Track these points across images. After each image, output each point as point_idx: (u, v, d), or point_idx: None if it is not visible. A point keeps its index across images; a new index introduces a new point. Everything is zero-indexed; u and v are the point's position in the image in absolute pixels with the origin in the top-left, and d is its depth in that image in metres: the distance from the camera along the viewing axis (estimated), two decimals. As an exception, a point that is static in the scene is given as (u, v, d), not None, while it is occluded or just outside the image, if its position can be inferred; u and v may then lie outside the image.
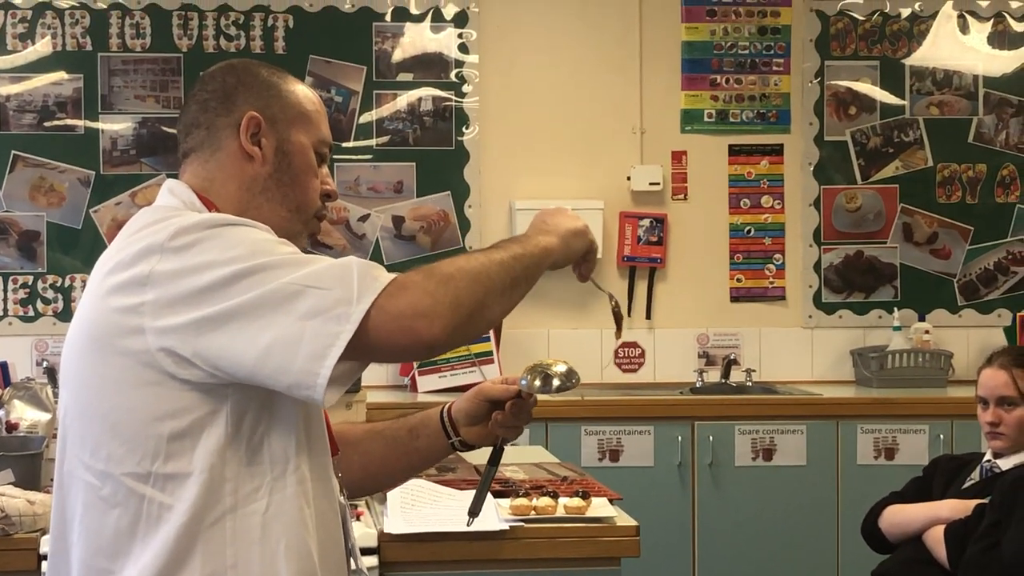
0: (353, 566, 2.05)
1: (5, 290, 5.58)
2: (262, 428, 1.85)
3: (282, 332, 1.75)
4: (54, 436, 3.16)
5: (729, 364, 5.73)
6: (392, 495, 3.07)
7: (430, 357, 1.88)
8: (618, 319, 2.27)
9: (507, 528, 2.97)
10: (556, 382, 2.18)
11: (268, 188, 1.99)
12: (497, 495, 3.13)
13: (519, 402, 2.22)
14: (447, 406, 2.29)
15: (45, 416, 3.45)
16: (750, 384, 5.71)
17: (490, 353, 5.42)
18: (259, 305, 1.75)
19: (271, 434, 1.86)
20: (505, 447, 2.26)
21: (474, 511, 2.27)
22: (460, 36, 5.77)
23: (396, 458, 2.28)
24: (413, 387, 5.45)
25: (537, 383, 2.17)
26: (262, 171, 1.99)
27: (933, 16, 5.93)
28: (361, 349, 1.76)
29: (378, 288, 1.76)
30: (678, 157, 5.87)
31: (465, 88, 5.77)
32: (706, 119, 5.89)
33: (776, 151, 5.91)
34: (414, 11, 5.76)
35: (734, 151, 5.90)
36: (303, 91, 2.06)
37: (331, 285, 1.76)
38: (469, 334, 1.83)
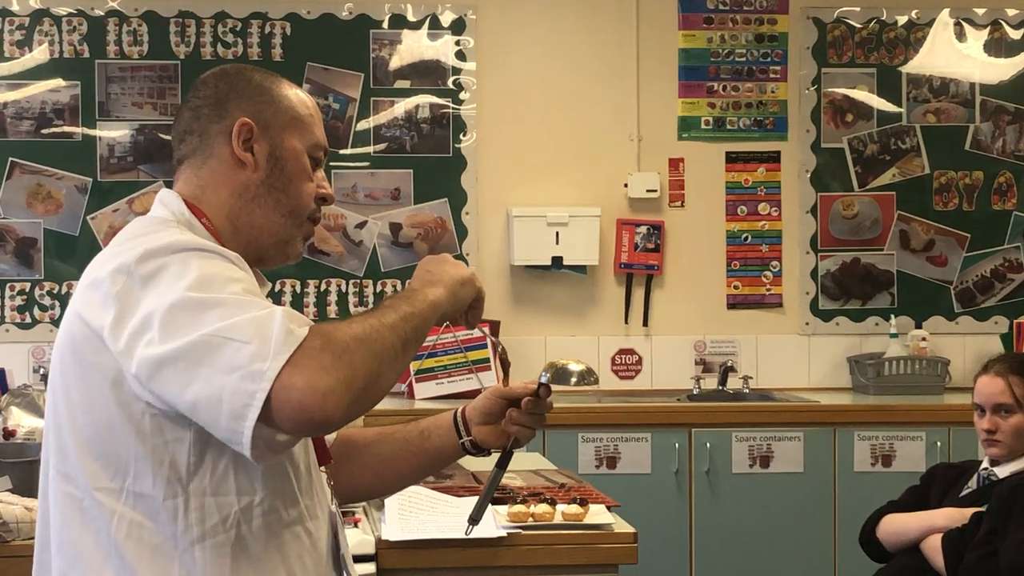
0: (345, 575, 2.04)
1: (2, 297, 5.58)
2: (227, 458, 1.82)
3: (205, 387, 1.70)
4: (51, 443, 3.17)
5: (726, 371, 5.73)
6: (390, 502, 3.07)
7: (323, 433, 1.85)
8: (505, 367, 2.29)
9: (505, 535, 2.97)
10: (574, 378, 2.22)
11: (260, 194, 1.98)
12: (495, 502, 3.13)
13: (536, 400, 2.22)
14: (462, 407, 2.29)
15: (42, 423, 3.44)
16: (747, 391, 5.71)
17: (487, 360, 5.42)
18: (186, 357, 1.71)
19: (237, 464, 1.83)
20: (514, 451, 2.26)
21: (475, 518, 2.27)
22: (457, 43, 5.78)
23: (406, 459, 2.27)
24: (410, 394, 5.44)
25: (555, 379, 2.21)
26: (254, 177, 1.98)
27: (930, 24, 5.94)
28: (272, 415, 1.70)
29: (293, 344, 1.70)
30: (675, 164, 5.88)
31: (462, 95, 5.77)
32: (703, 126, 5.90)
33: (773, 158, 5.92)
34: (411, 18, 5.76)
35: (731, 158, 5.90)
36: (296, 95, 2.04)
37: (250, 338, 1.70)
38: (363, 407, 1.77)
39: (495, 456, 2.29)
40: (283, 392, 1.68)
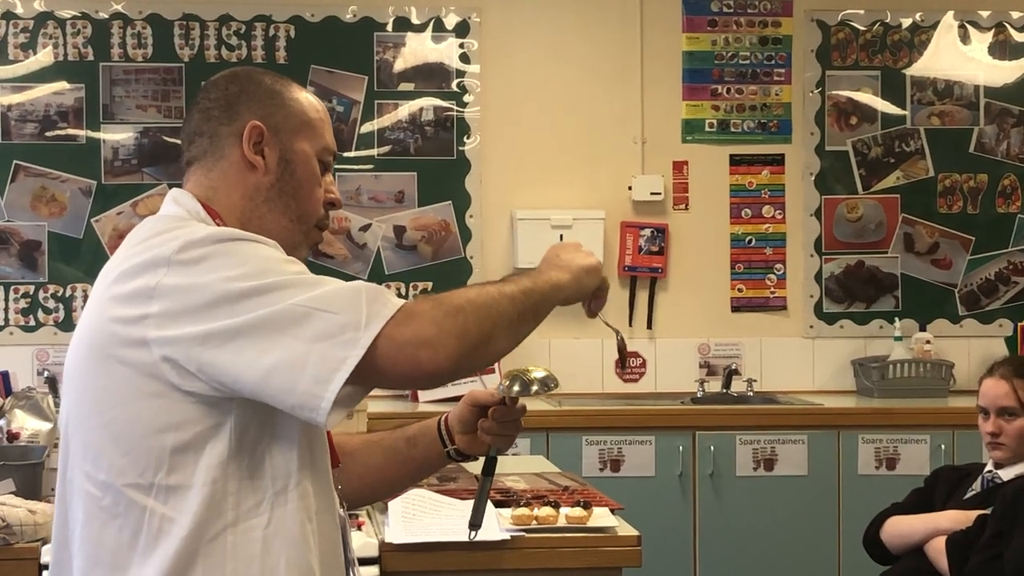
0: (352, 577, 2.05)
1: (6, 300, 5.58)
2: (264, 443, 1.84)
3: (287, 354, 1.74)
4: (55, 446, 3.16)
5: (730, 374, 5.72)
6: (393, 505, 3.07)
7: (434, 386, 1.88)
8: (623, 354, 2.30)
9: (508, 538, 2.97)
10: (535, 387, 2.21)
11: (271, 198, 1.99)
12: (498, 505, 3.13)
13: (503, 408, 2.23)
14: (446, 414, 2.29)
15: (46, 426, 3.45)
16: (751, 394, 5.71)
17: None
18: (265, 325, 1.75)
19: (273, 449, 1.85)
20: (498, 457, 2.26)
21: (475, 523, 2.27)
22: (461, 46, 5.78)
23: (393, 467, 2.28)
24: (414, 397, 5.44)
25: (516, 388, 2.20)
26: (265, 180, 1.99)
27: (934, 26, 5.94)
28: (366, 374, 1.75)
29: (387, 315, 1.75)
30: (679, 167, 5.87)
31: (466, 98, 5.77)
32: (707, 129, 5.89)
33: (777, 161, 5.91)
34: (415, 21, 5.76)
35: (735, 161, 5.90)
36: (307, 99, 2.05)
37: (339, 309, 1.75)
38: (474, 365, 1.82)
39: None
40: (393, 348, 1.74)
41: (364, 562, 2.82)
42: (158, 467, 1.81)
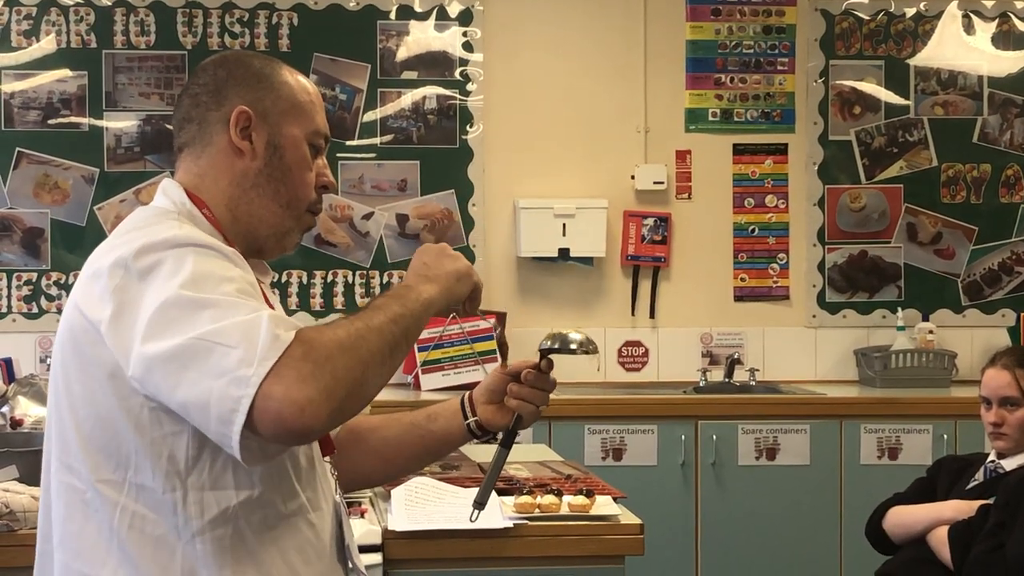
0: (351, 565, 2.03)
1: (9, 287, 5.58)
2: (225, 453, 1.78)
3: (193, 390, 1.69)
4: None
5: (733, 363, 5.72)
6: (396, 492, 3.08)
7: (307, 443, 1.86)
8: (503, 349, 2.26)
9: (511, 526, 2.97)
10: (574, 345, 2.22)
11: (259, 183, 1.97)
12: (501, 493, 3.13)
13: (537, 374, 2.20)
14: (471, 391, 2.28)
15: (49, 413, 3.45)
16: (753, 383, 5.71)
17: (493, 351, 5.41)
18: (174, 359, 1.70)
19: (235, 459, 1.79)
20: (519, 430, 2.25)
21: (481, 502, 2.26)
22: (465, 34, 5.77)
23: (412, 442, 2.25)
24: (416, 385, 5.44)
25: (557, 345, 2.21)
26: (252, 166, 1.97)
27: (938, 16, 5.93)
28: (255, 424, 1.69)
29: (279, 349, 1.68)
30: (682, 156, 5.87)
31: (469, 86, 5.76)
32: (710, 118, 5.89)
33: (780, 150, 5.91)
34: (419, 9, 5.76)
35: (738, 150, 5.90)
36: (297, 81, 2.03)
37: (236, 343, 1.69)
38: (346, 415, 1.77)
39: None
40: (263, 402, 1.67)
41: (367, 549, 2.83)
42: (127, 465, 1.81)
